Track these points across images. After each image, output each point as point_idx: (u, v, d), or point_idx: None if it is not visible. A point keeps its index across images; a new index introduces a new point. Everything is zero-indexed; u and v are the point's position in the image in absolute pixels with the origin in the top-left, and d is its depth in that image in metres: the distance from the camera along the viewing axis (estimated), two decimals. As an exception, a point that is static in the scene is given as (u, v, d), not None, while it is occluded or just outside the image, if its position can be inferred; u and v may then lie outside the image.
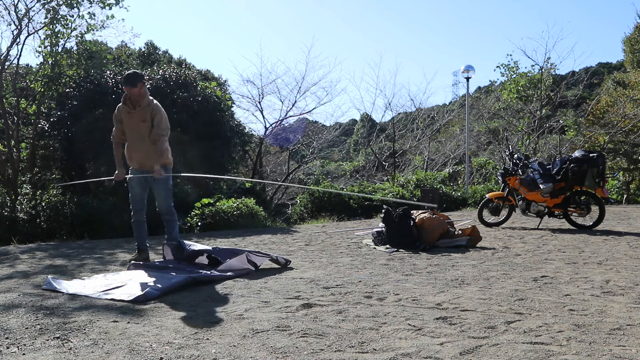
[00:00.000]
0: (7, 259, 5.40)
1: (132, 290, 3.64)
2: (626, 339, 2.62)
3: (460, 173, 19.36)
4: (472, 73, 15.34)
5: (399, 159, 20.87)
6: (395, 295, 3.58)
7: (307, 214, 12.65)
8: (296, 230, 8.33)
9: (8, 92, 10.32)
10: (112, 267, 4.96)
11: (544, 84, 18.02)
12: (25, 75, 11.24)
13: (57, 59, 10.26)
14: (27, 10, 9.79)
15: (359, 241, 6.65)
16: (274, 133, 17.00)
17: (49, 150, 11.26)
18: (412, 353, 2.43)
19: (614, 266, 4.66)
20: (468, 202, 13.81)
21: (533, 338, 2.63)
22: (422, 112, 22.18)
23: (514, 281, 4.04)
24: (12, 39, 9.88)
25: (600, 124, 16.98)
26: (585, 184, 7.40)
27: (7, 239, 7.24)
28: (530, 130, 17.89)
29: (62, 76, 10.58)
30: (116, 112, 5.15)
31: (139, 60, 20.37)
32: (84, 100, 9.94)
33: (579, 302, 3.35)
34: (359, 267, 4.74)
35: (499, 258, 5.20)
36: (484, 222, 8.10)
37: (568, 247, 5.88)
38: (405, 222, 6.04)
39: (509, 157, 8.60)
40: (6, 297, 3.56)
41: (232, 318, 3.05)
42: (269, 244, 6.64)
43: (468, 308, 3.21)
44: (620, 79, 21.79)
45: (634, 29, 20.80)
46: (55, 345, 2.59)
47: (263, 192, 14.09)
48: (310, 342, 2.59)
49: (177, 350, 2.49)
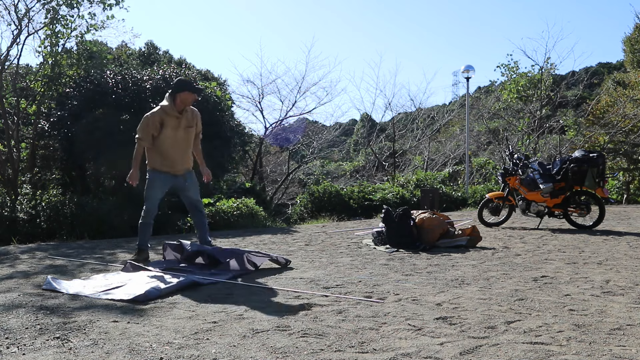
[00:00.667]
0: (7, 259, 5.40)
1: (132, 290, 3.64)
2: (626, 339, 2.62)
3: (460, 173, 19.37)
4: (472, 73, 15.35)
5: (399, 159, 20.87)
6: (395, 295, 3.58)
7: (307, 214, 12.65)
8: (296, 230, 8.33)
9: (8, 92, 10.32)
10: (112, 267, 4.96)
11: (544, 84, 18.02)
12: (25, 75, 11.23)
13: (57, 59, 10.25)
14: (27, 10, 9.79)
15: (359, 241, 6.65)
16: (274, 133, 17.00)
17: (49, 150, 11.26)
18: (412, 353, 2.43)
19: (614, 266, 4.66)
20: (468, 202, 13.81)
21: (533, 338, 2.63)
22: (422, 112, 22.18)
23: (514, 281, 4.04)
24: (12, 39, 9.88)
25: (600, 124, 16.99)
26: (585, 184, 7.40)
27: (7, 239, 7.23)
28: (530, 130, 17.89)
29: (62, 76, 10.57)
30: (159, 116, 4.98)
31: (139, 60, 20.34)
32: (84, 100, 9.93)
33: (579, 302, 3.35)
34: (359, 267, 4.74)
35: (499, 258, 5.20)
36: (484, 222, 8.10)
37: (568, 247, 5.88)
38: (405, 222, 6.04)
39: (509, 157, 8.60)
40: (6, 297, 3.56)
41: (232, 318, 3.05)
42: (269, 244, 6.64)
43: (468, 308, 3.21)
44: (620, 79, 21.79)
45: (634, 29, 20.81)
46: (55, 345, 2.59)
47: (263, 192, 14.10)
48: (310, 342, 2.59)
49: (177, 350, 2.49)
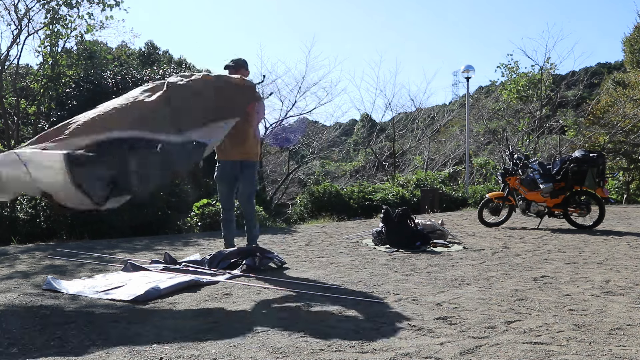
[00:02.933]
0: (7, 259, 5.40)
1: (132, 290, 3.64)
2: (626, 339, 2.62)
3: (460, 173, 19.35)
4: (472, 73, 15.34)
5: (399, 159, 20.86)
6: (395, 295, 3.58)
7: (307, 214, 12.64)
8: (296, 230, 8.33)
9: (8, 92, 10.32)
10: (112, 267, 4.95)
11: (544, 84, 18.03)
12: (25, 75, 11.24)
13: (57, 59, 10.26)
14: (27, 10, 9.80)
15: (359, 241, 6.65)
16: (274, 133, 16.98)
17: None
18: (412, 353, 2.43)
19: (614, 266, 4.67)
20: (468, 202, 13.80)
21: (533, 338, 2.63)
22: (422, 112, 22.18)
23: (514, 281, 4.04)
24: (12, 39, 9.89)
25: (600, 124, 17.00)
26: (585, 184, 7.40)
27: (7, 239, 7.23)
28: (530, 130, 17.89)
29: (62, 76, 10.58)
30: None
31: (139, 60, 20.36)
32: (84, 100, 9.93)
33: (579, 302, 3.35)
34: (359, 267, 4.74)
35: (499, 258, 5.20)
36: (484, 222, 8.10)
37: (568, 247, 5.88)
38: (404, 222, 6.05)
39: (509, 157, 8.60)
40: (6, 297, 3.56)
41: (232, 318, 3.05)
42: (269, 244, 6.64)
43: (468, 308, 3.21)
44: (620, 79, 21.77)
45: (634, 29, 20.78)
46: (55, 345, 2.59)
47: (263, 192, 14.09)
48: (310, 342, 2.59)
49: (177, 350, 2.49)
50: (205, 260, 4.62)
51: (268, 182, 18.43)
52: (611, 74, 26.47)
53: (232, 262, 4.57)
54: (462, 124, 20.31)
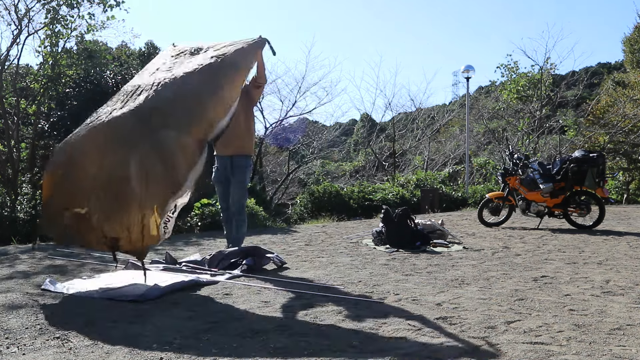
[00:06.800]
0: (7, 259, 5.40)
1: (132, 290, 3.64)
2: (626, 339, 2.62)
3: (460, 173, 19.35)
4: (472, 73, 15.34)
5: (399, 159, 20.86)
6: (395, 295, 3.58)
7: (307, 214, 12.63)
8: (296, 230, 8.32)
9: (8, 92, 10.31)
10: (112, 267, 4.95)
11: (544, 84, 18.02)
12: (25, 75, 11.23)
13: (57, 59, 10.25)
14: (27, 10, 9.78)
15: (359, 241, 6.65)
16: (274, 133, 16.97)
17: (49, 150, 11.26)
18: (412, 353, 2.43)
19: (614, 266, 4.67)
20: (468, 202, 13.79)
21: (533, 338, 2.63)
22: (422, 112, 22.16)
23: (514, 281, 4.04)
24: (12, 39, 9.86)
25: (600, 124, 16.99)
26: (585, 184, 7.40)
27: (7, 239, 7.23)
28: (530, 130, 17.89)
29: (62, 76, 10.57)
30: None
31: (139, 60, 20.33)
32: (84, 100, 9.95)
33: (579, 302, 3.35)
34: (359, 267, 4.74)
35: (499, 258, 5.20)
36: (484, 222, 8.10)
37: (568, 247, 5.88)
38: (404, 222, 6.05)
39: (509, 157, 8.60)
40: (6, 297, 3.56)
41: (232, 318, 3.05)
42: (269, 244, 6.64)
43: (468, 308, 3.21)
44: (620, 79, 21.77)
45: (634, 29, 20.77)
46: (55, 345, 2.59)
47: (263, 192, 14.09)
48: (310, 342, 2.59)
49: (177, 350, 2.49)
50: (205, 260, 4.63)
51: (268, 182, 18.43)
52: (611, 74, 26.45)
53: (232, 262, 4.58)
54: (462, 124, 20.31)
